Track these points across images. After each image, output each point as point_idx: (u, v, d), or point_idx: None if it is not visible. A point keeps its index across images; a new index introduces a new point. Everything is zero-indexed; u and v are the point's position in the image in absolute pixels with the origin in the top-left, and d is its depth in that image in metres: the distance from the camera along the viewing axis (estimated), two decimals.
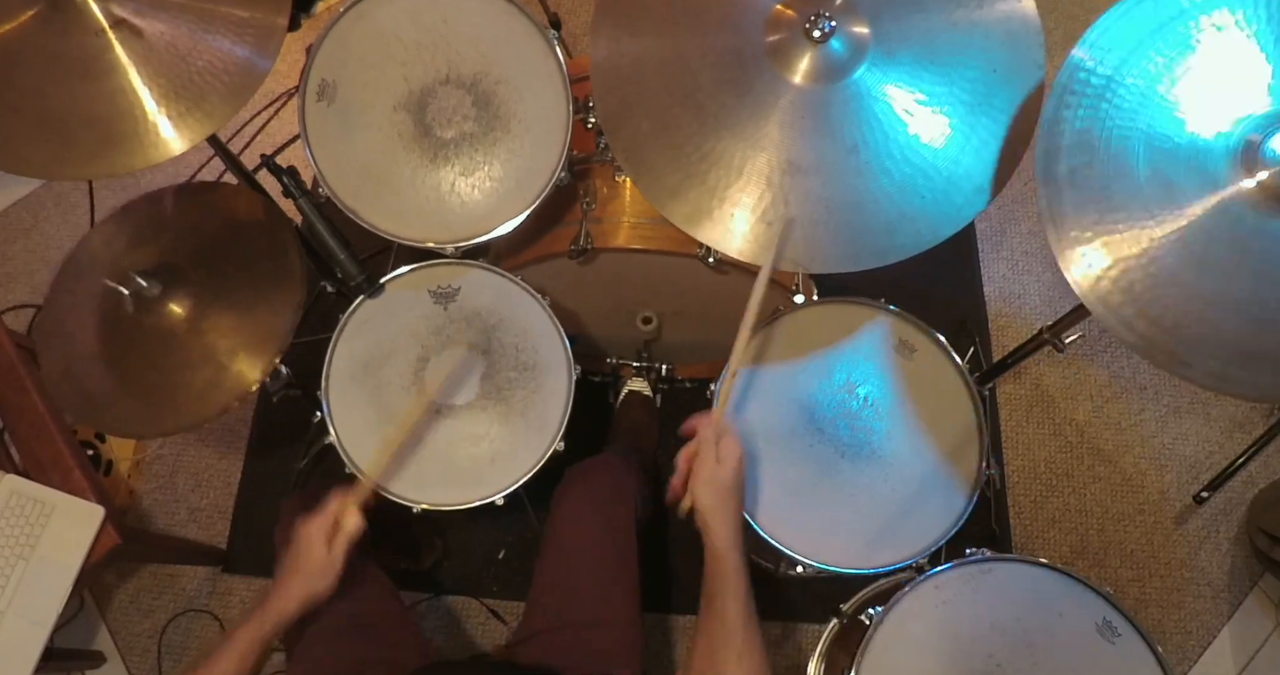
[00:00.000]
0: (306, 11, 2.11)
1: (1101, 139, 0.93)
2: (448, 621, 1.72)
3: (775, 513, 1.16)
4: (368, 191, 1.23)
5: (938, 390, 1.23)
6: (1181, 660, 1.72)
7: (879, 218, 1.05)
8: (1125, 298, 0.91)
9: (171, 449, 1.88)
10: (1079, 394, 1.93)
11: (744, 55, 1.07)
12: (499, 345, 1.28)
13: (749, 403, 1.22)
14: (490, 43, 1.21)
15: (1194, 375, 0.91)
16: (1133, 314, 0.91)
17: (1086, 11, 2.29)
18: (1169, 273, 0.91)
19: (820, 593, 1.68)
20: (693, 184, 1.06)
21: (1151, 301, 0.91)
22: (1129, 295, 0.91)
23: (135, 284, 1.18)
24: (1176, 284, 0.90)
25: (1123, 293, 0.91)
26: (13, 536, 1.30)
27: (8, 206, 2.14)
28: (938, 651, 1.07)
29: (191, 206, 1.33)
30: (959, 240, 1.23)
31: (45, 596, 1.29)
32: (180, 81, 1.02)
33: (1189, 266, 0.90)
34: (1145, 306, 0.91)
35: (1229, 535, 1.81)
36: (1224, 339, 0.91)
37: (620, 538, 1.21)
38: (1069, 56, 0.94)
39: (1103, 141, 0.93)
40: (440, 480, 1.23)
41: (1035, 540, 1.80)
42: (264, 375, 1.19)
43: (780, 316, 1.26)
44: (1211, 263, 0.90)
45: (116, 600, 1.76)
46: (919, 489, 1.18)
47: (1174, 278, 0.90)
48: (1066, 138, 0.93)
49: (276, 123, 2.17)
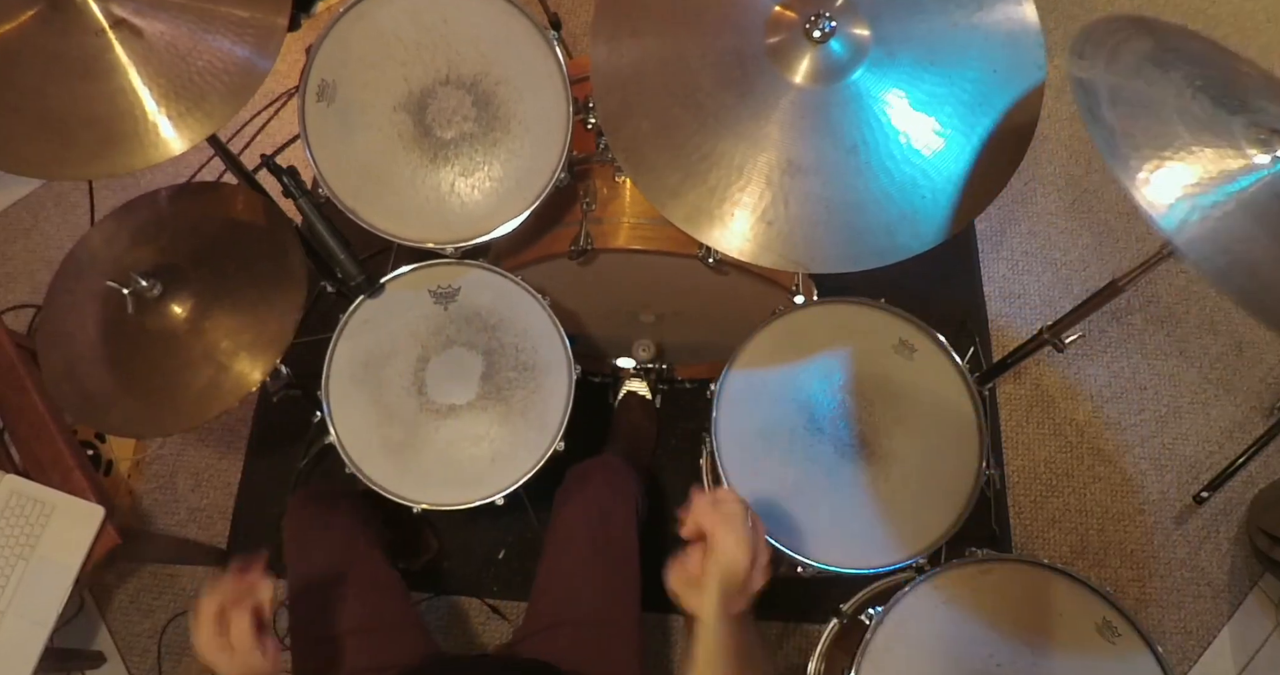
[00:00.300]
0: (306, 11, 2.11)
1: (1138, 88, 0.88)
2: (448, 621, 1.72)
3: (776, 513, 1.16)
4: (368, 191, 1.23)
5: (938, 390, 1.23)
6: (1181, 660, 1.72)
7: (879, 218, 1.05)
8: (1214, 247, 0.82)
9: (171, 449, 1.88)
10: (1079, 394, 1.93)
11: (744, 56, 1.07)
12: (499, 345, 1.28)
13: (750, 403, 1.22)
14: (490, 43, 1.21)
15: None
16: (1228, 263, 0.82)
17: (1086, 11, 2.30)
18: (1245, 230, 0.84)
19: (820, 593, 1.68)
20: (693, 184, 1.06)
21: (1242, 255, 0.83)
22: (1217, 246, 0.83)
23: (136, 284, 1.18)
24: (1253, 241, 0.83)
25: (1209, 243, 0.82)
26: (13, 536, 1.30)
27: (8, 206, 2.14)
28: (938, 651, 1.07)
29: (191, 206, 1.33)
30: (959, 240, 1.23)
31: (45, 596, 1.29)
32: (180, 81, 1.02)
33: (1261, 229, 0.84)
34: (1237, 259, 0.82)
35: (1229, 535, 1.81)
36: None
37: (621, 538, 1.21)
38: None
39: (1139, 92, 0.88)
40: (440, 480, 1.23)
41: (1035, 540, 1.80)
42: (264, 375, 1.19)
43: (780, 316, 1.26)
44: None
45: (116, 600, 1.75)
46: (919, 489, 1.18)
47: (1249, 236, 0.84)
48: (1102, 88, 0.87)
49: (276, 123, 2.17)
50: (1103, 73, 0.90)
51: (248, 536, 1.79)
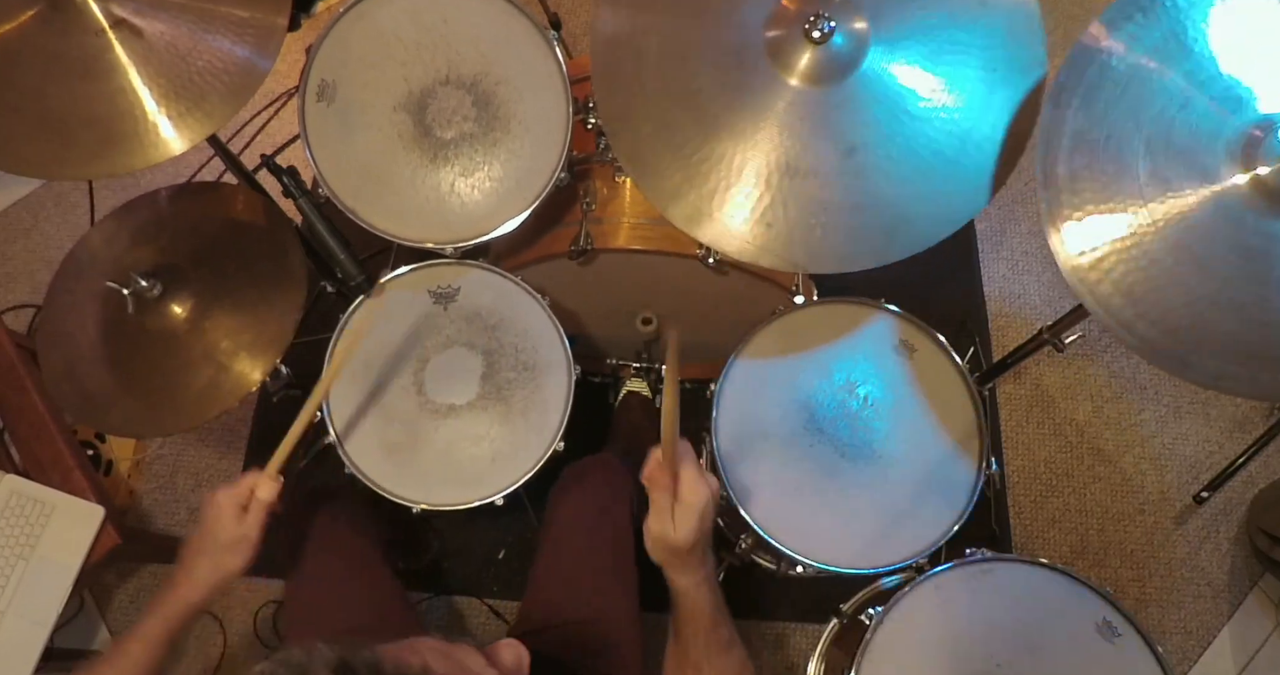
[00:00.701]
0: (306, 11, 2.11)
1: (1101, 136, 0.92)
2: (448, 621, 1.72)
3: (775, 513, 1.16)
4: (368, 191, 1.23)
5: (938, 390, 1.23)
6: (1181, 660, 1.72)
7: (878, 218, 1.05)
8: (1125, 300, 0.91)
9: (171, 449, 1.88)
10: (1079, 394, 1.93)
11: (744, 56, 1.07)
12: (499, 345, 1.28)
13: (749, 403, 1.22)
14: (490, 43, 1.21)
15: (1195, 376, 0.92)
16: (1133, 316, 0.91)
17: (1086, 11, 2.29)
18: (1169, 274, 0.91)
19: (820, 593, 1.68)
20: (693, 185, 1.06)
21: (1152, 304, 0.91)
22: (1129, 297, 0.91)
23: (136, 284, 1.18)
24: (1177, 285, 0.91)
25: (1123, 295, 0.91)
26: (13, 536, 1.30)
27: (8, 206, 2.14)
28: (938, 651, 1.07)
29: (191, 206, 1.33)
30: (959, 240, 1.23)
31: (45, 596, 1.29)
32: (180, 81, 1.02)
33: (1189, 268, 0.91)
34: (1146, 309, 0.91)
35: (1229, 535, 1.81)
36: (1224, 339, 0.91)
37: (618, 536, 1.21)
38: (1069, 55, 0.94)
39: (1101, 139, 0.92)
40: (440, 480, 1.23)
41: (1035, 540, 1.80)
42: (264, 375, 1.19)
43: (780, 316, 1.26)
44: (1211, 264, 0.91)
45: (116, 600, 1.75)
46: (919, 489, 1.18)
47: (1174, 279, 0.91)
48: (1066, 138, 0.93)
49: (276, 123, 2.17)
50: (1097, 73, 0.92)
51: None
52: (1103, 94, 0.93)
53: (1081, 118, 0.93)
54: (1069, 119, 0.93)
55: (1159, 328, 0.91)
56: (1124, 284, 0.91)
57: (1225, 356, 0.91)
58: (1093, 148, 0.93)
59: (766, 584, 1.66)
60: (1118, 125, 0.93)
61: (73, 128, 1.01)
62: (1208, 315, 0.91)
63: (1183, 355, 0.91)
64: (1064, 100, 0.93)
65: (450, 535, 1.77)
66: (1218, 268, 0.91)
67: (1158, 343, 0.91)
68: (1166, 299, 0.91)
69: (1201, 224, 0.91)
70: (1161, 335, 0.91)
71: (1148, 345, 0.91)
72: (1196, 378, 0.92)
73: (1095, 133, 0.93)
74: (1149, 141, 0.92)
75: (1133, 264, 0.91)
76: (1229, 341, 0.91)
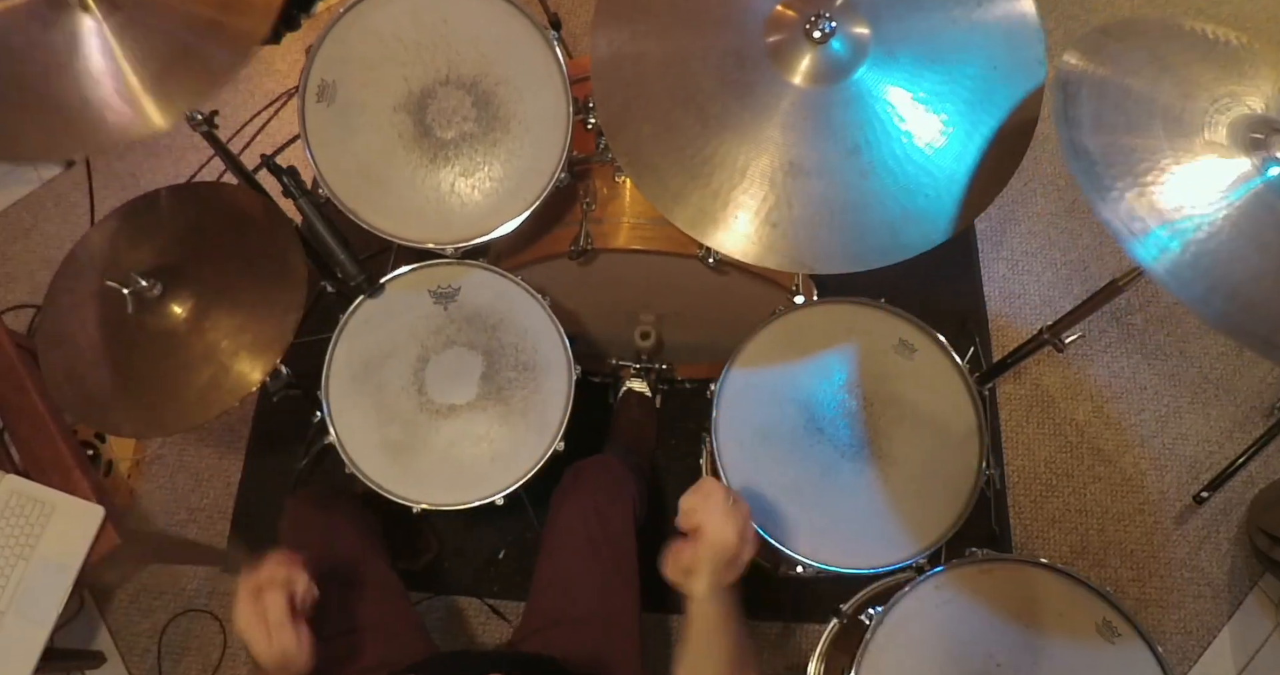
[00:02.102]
0: (306, 11, 2.10)
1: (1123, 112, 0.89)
2: (448, 621, 1.72)
3: (775, 513, 1.16)
4: (368, 192, 1.23)
5: (938, 390, 1.23)
6: (1181, 660, 1.72)
7: (882, 217, 1.04)
8: (1194, 272, 0.83)
9: (171, 449, 1.88)
10: (1079, 394, 1.93)
11: (745, 56, 1.07)
12: (499, 345, 1.28)
13: (750, 403, 1.22)
14: (490, 43, 1.21)
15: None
16: (1205, 290, 0.82)
17: (1086, 11, 2.30)
18: (1228, 248, 0.84)
19: (820, 593, 1.68)
20: (695, 186, 1.06)
21: (1220, 277, 0.83)
22: (1196, 270, 0.83)
23: (136, 284, 1.18)
24: (1237, 260, 0.83)
25: (1190, 268, 0.83)
26: (13, 536, 1.30)
27: (8, 206, 2.14)
28: (938, 651, 1.07)
29: (191, 206, 1.33)
30: (959, 240, 1.23)
31: (45, 596, 1.29)
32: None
33: (1245, 243, 0.84)
34: (1216, 282, 0.83)
35: (1229, 535, 1.81)
36: None
37: (619, 537, 1.21)
38: None
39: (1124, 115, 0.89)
40: (440, 480, 1.23)
41: (1035, 540, 1.80)
42: (264, 375, 1.19)
43: (780, 316, 1.26)
44: (1265, 239, 0.84)
45: (116, 600, 1.75)
46: (919, 489, 1.18)
47: (1234, 254, 0.84)
48: (1086, 118, 0.88)
49: (276, 123, 2.17)
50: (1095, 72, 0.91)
51: (248, 537, 1.79)
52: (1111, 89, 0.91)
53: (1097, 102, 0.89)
54: (1084, 103, 0.89)
55: (1235, 302, 0.82)
56: (1188, 256, 0.82)
57: None
58: (1114, 124, 0.88)
59: (766, 584, 1.66)
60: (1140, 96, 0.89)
61: None
62: (1273, 292, 0.83)
63: (1266, 336, 0.82)
64: (1072, 91, 0.90)
65: (450, 535, 1.77)
66: (1272, 242, 0.84)
67: (1236, 318, 0.82)
68: (1233, 273, 0.83)
69: (1245, 205, 0.85)
70: (1239, 310, 0.82)
71: (1228, 321, 0.82)
72: None
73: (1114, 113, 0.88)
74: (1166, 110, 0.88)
75: (1189, 236, 0.83)
76: None
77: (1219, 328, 0.83)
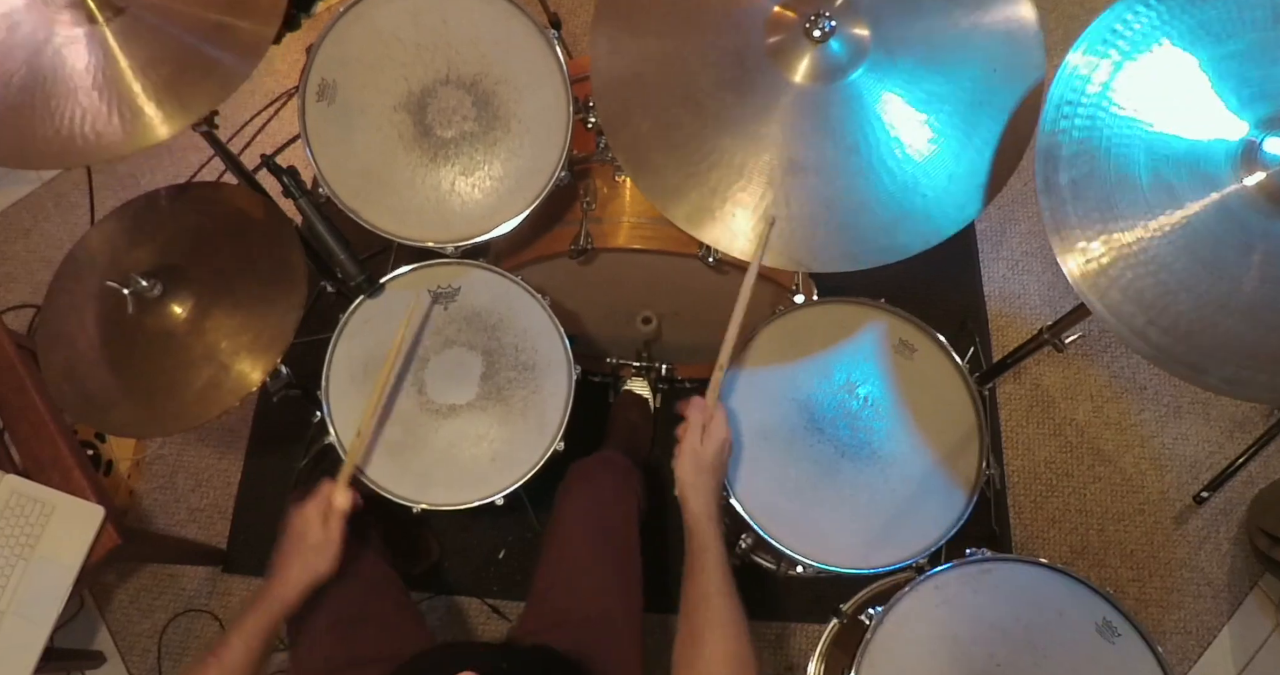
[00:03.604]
0: (306, 11, 2.11)
1: (1101, 147, 0.92)
2: (448, 621, 1.72)
3: (776, 513, 1.16)
4: (368, 191, 1.23)
5: (938, 390, 1.23)
6: (1181, 660, 1.72)
7: (880, 217, 1.05)
8: (1136, 307, 0.90)
9: (171, 449, 1.88)
10: (1079, 394, 1.93)
11: (744, 55, 1.07)
12: (499, 345, 1.28)
13: (750, 403, 1.22)
14: (490, 43, 1.21)
15: (1210, 382, 0.90)
16: (1144, 323, 0.90)
17: (1086, 11, 2.29)
18: (1178, 280, 0.89)
19: (820, 593, 1.68)
20: (694, 184, 1.06)
21: (1163, 310, 0.90)
22: (1139, 304, 0.90)
23: (136, 284, 1.18)
24: (1186, 290, 0.89)
25: (1133, 302, 0.90)
26: (13, 536, 1.30)
27: (8, 206, 2.14)
28: (938, 651, 1.07)
29: (191, 206, 1.33)
30: (959, 240, 1.23)
31: (45, 596, 1.29)
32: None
33: (1197, 272, 0.89)
34: (1156, 315, 0.89)
35: (1229, 535, 1.81)
36: (1237, 344, 0.89)
37: (623, 535, 1.21)
38: (1063, 65, 0.94)
39: (1102, 150, 0.92)
40: (440, 480, 1.23)
41: (1035, 540, 1.80)
42: (264, 375, 1.19)
43: (780, 316, 1.26)
44: (1219, 268, 0.89)
45: (116, 600, 1.75)
46: (919, 489, 1.18)
47: (1183, 284, 0.89)
48: (1066, 148, 0.92)
49: (276, 123, 2.17)
50: None
51: (248, 536, 1.79)
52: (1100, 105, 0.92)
53: (1080, 127, 0.93)
54: (1066, 129, 0.93)
55: (1171, 334, 0.90)
56: (1133, 290, 0.90)
57: (1239, 362, 0.89)
58: (1093, 156, 0.92)
59: (766, 584, 1.66)
60: (1117, 134, 0.92)
61: None
62: (1219, 320, 0.89)
63: (1197, 362, 0.90)
64: (1064, 111, 0.93)
65: (450, 536, 1.77)
66: (1226, 271, 0.89)
67: (1171, 349, 0.90)
68: (1176, 304, 0.89)
69: (1207, 228, 0.90)
70: (1174, 342, 0.90)
71: (1162, 352, 0.90)
72: (1212, 384, 0.90)
73: (1094, 142, 0.92)
74: (1149, 148, 0.92)
75: (1141, 270, 0.90)
76: (1242, 346, 0.89)
77: (1153, 361, 0.92)
